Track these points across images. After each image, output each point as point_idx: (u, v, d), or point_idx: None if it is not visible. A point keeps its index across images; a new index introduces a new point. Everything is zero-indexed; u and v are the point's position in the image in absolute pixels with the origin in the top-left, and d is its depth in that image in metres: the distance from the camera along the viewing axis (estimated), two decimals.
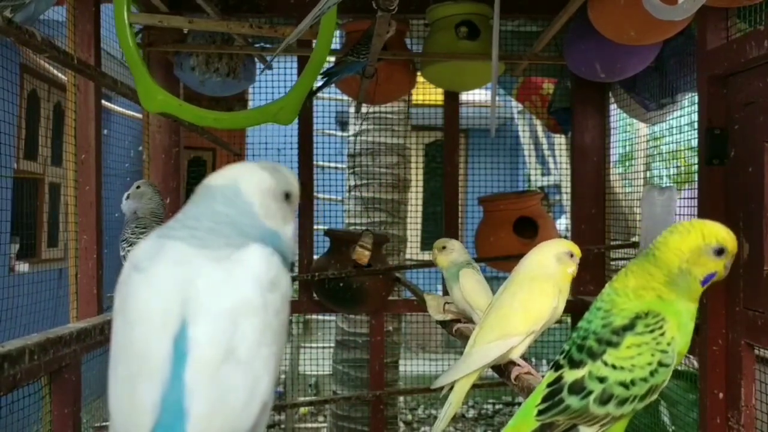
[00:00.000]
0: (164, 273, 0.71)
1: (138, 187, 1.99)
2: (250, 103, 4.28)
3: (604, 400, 0.95)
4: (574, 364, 0.98)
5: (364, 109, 3.96)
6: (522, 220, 3.48)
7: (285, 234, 0.81)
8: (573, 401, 0.95)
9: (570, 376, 0.98)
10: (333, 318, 4.63)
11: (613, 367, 0.95)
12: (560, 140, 5.66)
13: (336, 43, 3.45)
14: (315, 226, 3.68)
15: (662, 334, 0.96)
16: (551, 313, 1.44)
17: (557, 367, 1.02)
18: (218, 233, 0.76)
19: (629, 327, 0.96)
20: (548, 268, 1.45)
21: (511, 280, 1.52)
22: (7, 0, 1.74)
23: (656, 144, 4.00)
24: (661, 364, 0.95)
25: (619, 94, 3.34)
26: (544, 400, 0.98)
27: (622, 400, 0.95)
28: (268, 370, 0.71)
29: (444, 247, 2.00)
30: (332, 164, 4.96)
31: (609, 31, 2.30)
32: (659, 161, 4.05)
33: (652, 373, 0.95)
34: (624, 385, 0.94)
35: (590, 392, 0.95)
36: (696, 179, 2.15)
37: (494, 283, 1.78)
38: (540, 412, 0.98)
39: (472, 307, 1.89)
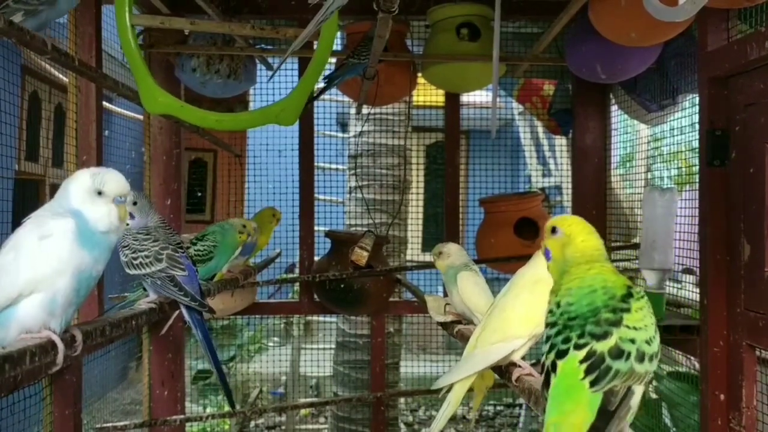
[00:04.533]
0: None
1: (135, 203, 1.79)
2: (251, 105, 4.28)
3: (640, 357, 1.04)
4: (599, 337, 1.05)
5: (364, 111, 3.96)
6: (523, 221, 3.48)
7: (89, 212, 1.25)
8: (620, 365, 1.03)
9: (602, 346, 1.04)
10: (334, 319, 4.63)
11: (635, 328, 1.06)
12: (561, 141, 5.65)
13: (337, 44, 3.45)
14: (316, 228, 3.68)
15: (646, 301, 1.11)
16: None
17: (577, 346, 1.06)
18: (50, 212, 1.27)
19: (629, 294, 1.09)
20: None
21: (514, 283, 1.50)
22: (20, 4, 1.77)
23: (657, 145, 3.99)
24: (655, 324, 1.09)
25: (620, 96, 3.33)
26: (588, 372, 1.03)
27: (651, 356, 1.05)
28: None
29: (440, 253, 2.00)
30: (333, 165, 4.96)
31: (610, 33, 2.30)
32: (660, 162, 4.04)
33: (656, 331, 1.08)
34: (648, 342, 1.05)
35: (630, 354, 1.04)
36: (697, 180, 2.14)
37: (495, 284, 1.78)
38: (593, 383, 1.03)
39: (471, 309, 1.88)
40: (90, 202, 1.24)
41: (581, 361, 1.05)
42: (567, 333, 1.08)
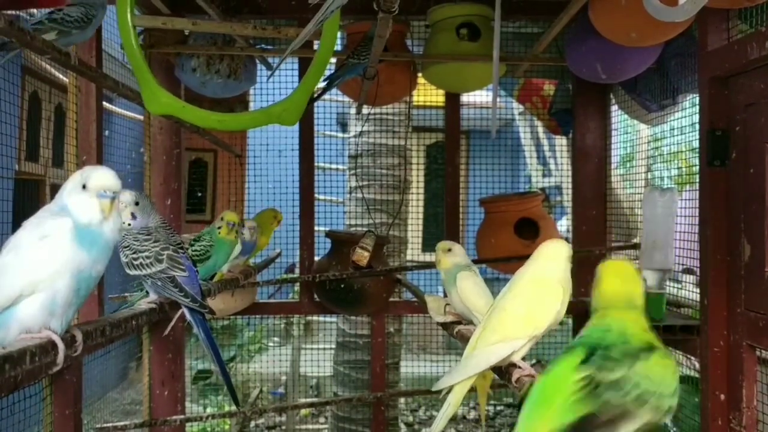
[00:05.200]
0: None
1: (137, 203, 1.79)
2: (251, 105, 4.28)
3: (643, 401, 0.99)
4: (606, 368, 1.02)
5: (364, 111, 3.96)
6: (523, 221, 3.47)
7: (72, 205, 1.25)
8: (612, 395, 0.99)
9: (604, 377, 1.01)
10: (334, 319, 4.63)
11: (647, 377, 1.01)
12: (561, 141, 5.66)
13: (337, 44, 3.45)
14: (316, 228, 3.68)
15: (674, 366, 1.06)
16: (555, 317, 1.43)
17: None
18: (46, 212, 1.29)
19: (649, 349, 1.05)
20: (558, 270, 1.45)
21: (514, 283, 1.50)
22: (56, 24, 1.85)
23: (657, 145, 3.99)
24: (675, 390, 1.03)
25: (620, 95, 3.34)
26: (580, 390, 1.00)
27: (655, 407, 1.00)
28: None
29: (449, 250, 2.00)
30: (333, 165, 4.96)
31: (610, 33, 2.30)
32: (660, 162, 4.05)
33: (674, 391, 1.03)
34: (654, 394, 1.00)
35: (628, 392, 0.99)
36: (697, 180, 2.14)
37: (495, 284, 1.78)
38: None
39: (470, 310, 1.88)
40: (75, 196, 1.25)
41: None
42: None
